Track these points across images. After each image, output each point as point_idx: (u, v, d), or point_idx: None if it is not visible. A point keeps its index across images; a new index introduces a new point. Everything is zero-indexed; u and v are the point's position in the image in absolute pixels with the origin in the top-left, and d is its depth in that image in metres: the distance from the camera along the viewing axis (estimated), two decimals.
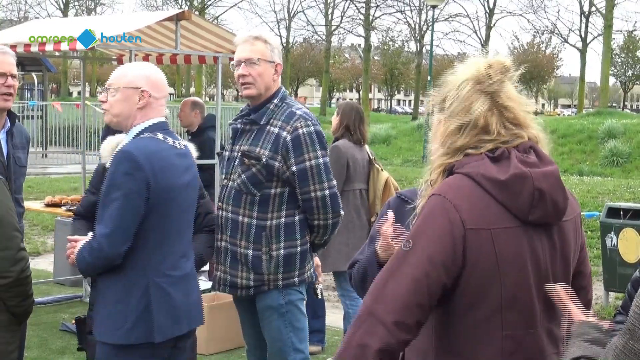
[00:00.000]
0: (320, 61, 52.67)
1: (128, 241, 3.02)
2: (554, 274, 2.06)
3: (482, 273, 1.97)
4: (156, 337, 3.09)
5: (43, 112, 22.63)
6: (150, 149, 3.09)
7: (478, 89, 2.07)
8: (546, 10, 62.81)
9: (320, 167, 3.73)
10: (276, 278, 3.75)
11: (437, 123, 2.15)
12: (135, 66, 3.42)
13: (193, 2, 44.67)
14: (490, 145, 2.04)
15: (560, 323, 2.09)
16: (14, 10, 48.64)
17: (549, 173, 2.03)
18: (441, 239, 1.95)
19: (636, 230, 7.34)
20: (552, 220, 2.04)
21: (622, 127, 21.25)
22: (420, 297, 1.93)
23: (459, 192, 2.00)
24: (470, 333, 2.01)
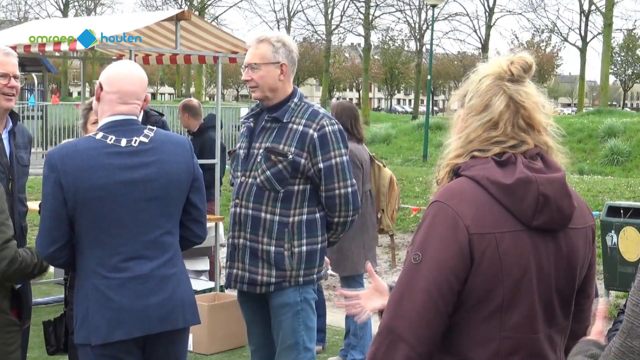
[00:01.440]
0: (320, 61, 52.67)
1: (55, 242, 3.05)
2: (558, 281, 2.06)
3: (486, 276, 1.98)
4: (92, 340, 3.04)
5: (43, 112, 22.63)
6: (70, 149, 3.07)
7: (498, 84, 2.08)
8: (546, 9, 62.67)
9: (345, 165, 3.82)
10: (298, 274, 3.80)
11: (456, 118, 2.16)
12: (114, 63, 3.36)
13: (193, 2, 44.66)
14: (497, 149, 2.04)
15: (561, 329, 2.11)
16: (14, 10, 48.69)
17: (555, 179, 2.03)
18: (448, 247, 1.96)
19: (636, 229, 7.34)
20: (558, 226, 2.04)
21: (622, 126, 21.25)
22: (437, 308, 1.96)
23: (462, 197, 2.00)
24: (470, 333, 2.02)
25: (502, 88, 2.07)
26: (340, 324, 7.01)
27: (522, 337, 2.02)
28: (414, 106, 48.82)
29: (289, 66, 3.82)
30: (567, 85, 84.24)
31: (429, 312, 1.96)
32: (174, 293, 3.14)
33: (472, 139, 2.07)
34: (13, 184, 3.91)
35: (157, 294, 3.10)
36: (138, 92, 3.18)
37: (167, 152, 3.17)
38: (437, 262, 1.96)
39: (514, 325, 2.01)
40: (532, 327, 2.03)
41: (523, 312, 2.01)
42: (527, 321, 2.02)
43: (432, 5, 25.67)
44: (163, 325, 3.12)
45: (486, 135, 2.06)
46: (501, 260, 1.97)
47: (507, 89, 2.07)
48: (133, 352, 3.14)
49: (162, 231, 3.14)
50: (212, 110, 9.62)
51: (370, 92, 54.36)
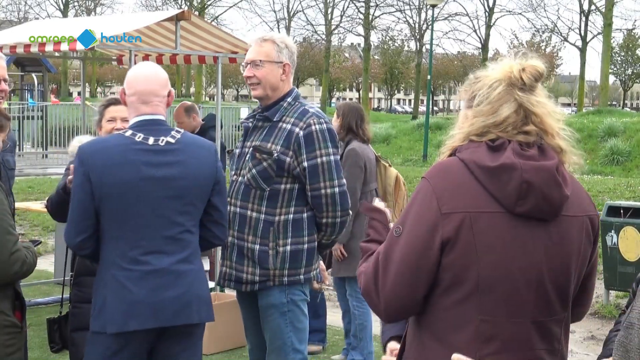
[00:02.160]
0: (320, 61, 52.69)
1: (82, 233, 3.19)
2: (551, 271, 2.06)
3: (460, 254, 2.00)
4: (108, 328, 3.17)
5: (43, 112, 22.63)
6: (100, 145, 3.26)
7: (509, 91, 2.08)
8: (546, 9, 62.53)
9: (332, 164, 3.76)
10: (282, 274, 3.77)
11: (463, 118, 2.17)
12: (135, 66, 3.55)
13: (193, 2, 44.67)
14: (493, 135, 2.07)
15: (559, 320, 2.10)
16: (14, 10, 48.77)
17: (543, 167, 2.02)
18: (420, 224, 2.03)
19: (636, 229, 7.35)
20: (546, 215, 2.04)
21: (622, 126, 21.26)
22: (409, 280, 2.04)
23: (445, 175, 2.06)
24: (447, 316, 2.05)
25: (514, 96, 2.08)
26: (340, 324, 7.01)
27: (501, 322, 2.02)
28: (414, 106, 48.85)
29: (291, 67, 3.85)
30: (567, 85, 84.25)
31: (399, 285, 2.05)
32: (189, 288, 3.26)
33: (473, 133, 2.11)
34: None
35: (174, 288, 3.21)
36: (156, 90, 3.31)
37: (192, 154, 3.30)
38: (411, 236, 2.04)
39: (491, 307, 2.01)
40: (513, 312, 2.03)
41: (501, 294, 2.01)
42: (507, 305, 2.02)
43: (432, 5, 25.69)
44: (177, 319, 3.23)
45: (487, 130, 2.09)
46: (475, 240, 1.99)
47: (519, 97, 2.08)
48: (146, 343, 3.26)
49: (181, 229, 3.26)
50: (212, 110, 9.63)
51: (370, 92, 54.40)
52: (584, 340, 7.01)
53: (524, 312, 2.04)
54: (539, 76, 2.10)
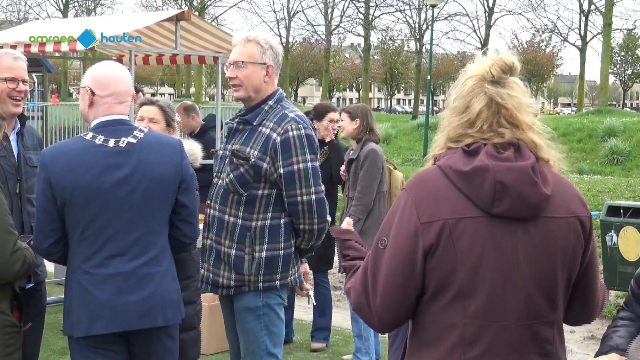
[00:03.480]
0: (320, 61, 52.70)
1: (48, 237, 3.21)
2: (534, 271, 2.06)
3: (443, 260, 2.03)
4: (75, 332, 3.20)
5: (43, 113, 22.62)
6: (60, 150, 3.24)
7: (479, 85, 2.12)
8: (546, 9, 62.68)
9: (308, 171, 3.69)
10: (257, 279, 3.72)
11: (442, 117, 2.22)
12: (94, 66, 3.44)
13: (193, 3, 44.68)
14: (469, 140, 2.10)
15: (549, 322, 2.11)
16: (14, 11, 48.73)
17: (516, 167, 2.04)
18: (403, 234, 2.07)
19: (636, 229, 7.35)
20: (523, 214, 2.04)
21: (622, 126, 21.27)
22: (397, 291, 2.08)
23: (422, 184, 2.10)
24: (436, 321, 2.08)
25: (483, 89, 2.11)
26: (341, 324, 7.02)
27: (485, 325, 2.04)
28: (413, 106, 48.82)
29: (275, 69, 3.78)
30: (567, 85, 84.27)
31: (388, 296, 2.08)
32: (155, 291, 3.22)
33: (451, 136, 2.14)
34: (21, 184, 3.93)
35: (138, 291, 3.19)
36: (129, 90, 3.33)
37: (154, 153, 3.25)
38: (395, 249, 2.07)
39: (475, 312, 2.03)
40: (496, 315, 2.04)
41: (484, 299, 2.03)
42: (489, 309, 2.04)
43: (432, 5, 25.68)
44: (142, 322, 3.21)
45: (462, 132, 2.12)
46: (455, 246, 2.02)
47: (488, 90, 2.11)
48: (116, 345, 3.26)
49: (145, 230, 3.22)
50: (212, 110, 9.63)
51: (370, 92, 54.40)
52: (584, 340, 7.01)
53: (507, 315, 2.05)
54: (508, 69, 2.12)
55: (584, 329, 7.23)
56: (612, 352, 2.45)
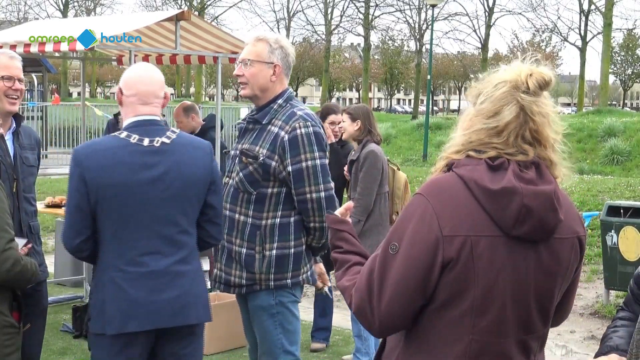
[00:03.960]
0: (320, 61, 52.68)
1: (80, 234, 3.20)
2: (537, 290, 2.07)
3: (459, 277, 2.00)
4: (107, 329, 3.19)
5: (43, 113, 22.64)
6: (95, 147, 3.25)
7: (512, 93, 2.07)
8: (546, 8, 62.65)
9: (317, 169, 3.70)
10: (268, 278, 3.74)
11: (466, 115, 2.16)
12: (130, 67, 3.52)
13: (192, 2, 44.67)
14: (493, 152, 2.05)
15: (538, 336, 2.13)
16: (14, 11, 48.73)
17: (542, 192, 2.02)
18: (422, 244, 2.00)
19: (636, 229, 7.35)
20: (539, 237, 2.04)
21: (622, 126, 21.26)
22: (405, 299, 2.03)
23: (444, 194, 2.03)
24: (440, 332, 2.05)
25: (516, 98, 2.06)
26: (342, 324, 7.02)
27: (491, 341, 2.04)
28: (413, 106, 48.80)
29: (283, 69, 3.78)
30: (567, 85, 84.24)
31: (394, 303, 2.04)
32: (187, 289, 3.27)
33: (473, 140, 2.08)
34: (18, 183, 3.94)
35: (171, 289, 3.22)
36: (155, 91, 3.33)
37: (187, 154, 3.31)
38: (409, 255, 2.02)
39: (483, 328, 2.03)
40: (501, 332, 2.05)
41: (493, 316, 2.03)
42: (497, 326, 2.04)
43: (432, 5, 25.68)
44: (175, 320, 3.25)
45: (487, 140, 2.07)
46: (475, 264, 1.99)
47: (521, 99, 2.06)
48: (145, 344, 3.27)
49: (178, 229, 3.27)
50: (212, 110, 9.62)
51: (370, 92, 54.39)
52: (584, 340, 7.01)
53: (510, 332, 2.06)
54: (545, 84, 2.08)
55: (584, 329, 7.23)
56: (612, 353, 2.45)
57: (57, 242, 8.40)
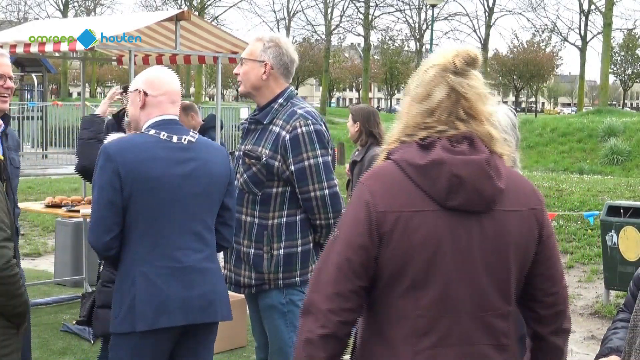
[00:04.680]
0: (320, 61, 52.68)
1: (110, 231, 3.17)
2: (488, 264, 2.07)
3: (396, 252, 2.04)
4: (138, 326, 3.17)
5: (43, 112, 22.62)
6: (127, 143, 3.24)
7: (441, 75, 2.12)
8: (546, 8, 62.85)
9: (320, 167, 3.71)
10: (277, 277, 3.76)
11: (403, 104, 2.23)
12: (144, 72, 3.48)
13: (192, 2, 44.66)
14: (423, 133, 2.11)
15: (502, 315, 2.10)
16: (14, 11, 48.78)
17: (472, 161, 2.06)
18: (358, 224, 2.06)
19: (636, 229, 7.34)
20: (478, 207, 2.06)
21: (622, 126, 21.26)
22: (348, 281, 2.06)
23: (379, 177, 2.10)
24: (388, 312, 2.08)
25: (445, 79, 2.12)
26: None
27: (437, 317, 2.05)
28: None
29: (276, 68, 3.77)
30: (567, 85, 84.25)
31: (339, 284, 2.05)
32: (214, 287, 3.31)
33: (410, 124, 2.14)
34: (8, 184, 3.91)
35: (200, 285, 3.25)
36: (180, 92, 3.43)
37: (211, 154, 3.38)
38: (347, 238, 2.07)
39: (427, 304, 2.04)
40: (447, 308, 2.05)
41: (437, 291, 2.04)
42: (443, 301, 2.05)
43: (432, 5, 25.69)
44: (203, 316, 3.28)
45: (421, 121, 2.12)
46: (410, 238, 2.03)
47: (450, 80, 2.12)
48: (172, 340, 3.29)
49: (205, 226, 3.32)
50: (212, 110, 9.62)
51: (370, 92, 54.40)
52: (584, 340, 7.01)
53: (459, 307, 2.06)
54: (471, 61, 2.13)
55: (584, 329, 7.23)
56: (612, 355, 2.45)
57: (57, 242, 8.40)
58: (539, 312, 2.21)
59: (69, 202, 7.30)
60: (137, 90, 3.34)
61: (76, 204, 7.18)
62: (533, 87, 60.79)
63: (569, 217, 10.28)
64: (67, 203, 7.26)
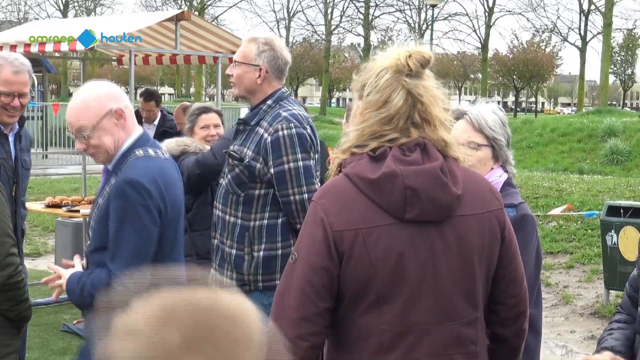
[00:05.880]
0: (320, 61, 52.66)
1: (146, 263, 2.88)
2: (452, 272, 2.03)
3: (357, 270, 1.99)
4: None
5: (43, 112, 22.63)
6: (151, 169, 2.84)
7: (396, 79, 2.05)
8: (545, 8, 62.58)
9: (300, 170, 3.67)
10: (256, 279, 3.74)
11: (356, 108, 2.14)
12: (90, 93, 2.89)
13: (192, 2, 44.66)
14: (374, 144, 2.04)
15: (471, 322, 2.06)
16: (14, 11, 48.72)
17: (425, 170, 2.00)
18: (316, 244, 2.00)
19: (636, 229, 7.34)
20: (436, 217, 2.01)
21: (621, 126, 21.23)
22: (312, 304, 2.00)
23: (331, 194, 2.04)
24: (354, 327, 2.04)
25: (401, 83, 2.05)
26: None
27: (403, 330, 2.00)
28: None
29: (271, 71, 3.75)
30: (567, 85, 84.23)
31: (304, 309, 2.00)
32: None
33: (366, 133, 2.07)
34: (17, 187, 3.90)
35: None
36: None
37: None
38: (307, 260, 2.01)
39: (392, 318, 2.00)
40: (415, 319, 2.01)
41: (400, 304, 2.00)
42: (408, 313, 2.00)
43: (432, 5, 25.70)
44: None
45: (379, 129, 2.05)
46: (370, 255, 1.98)
47: (406, 83, 2.04)
48: None
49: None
50: None
51: None
52: (584, 340, 7.01)
53: (426, 318, 2.02)
54: (425, 62, 2.08)
55: (584, 329, 7.23)
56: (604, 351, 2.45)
57: (57, 242, 8.40)
58: (501, 315, 2.17)
59: (69, 202, 7.31)
60: (112, 110, 2.83)
61: (76, 204, 7.19)
62: (533, 87, 60.76)
63: (569, 217, 10.28)
64: (67, 203, 7.26)
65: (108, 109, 2.80)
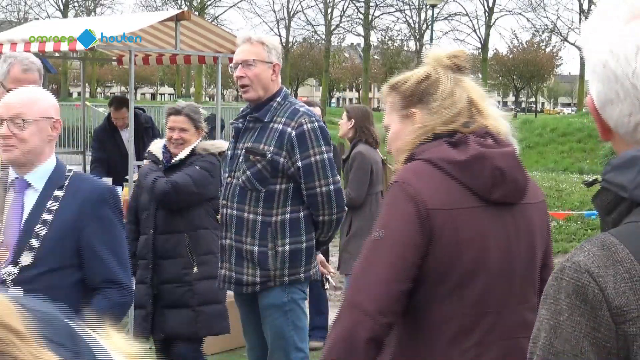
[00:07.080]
0: (320, 61, 52.67)
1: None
2: (519, 256, 2.10)
3: (444, 251, 2.02)
4: None
5: None
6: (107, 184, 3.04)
7: (455, 81, 2.16)
8: (545, 8, 62.55)
9: (325, 163, 3.76)
10: (282, 274, 3.78)
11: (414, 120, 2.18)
12: (43, 94, 2.84)
13: (192, 2, 44.67)
14: (451, 126, 2.12)
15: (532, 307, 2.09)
16: (14, 11, 48.74)
17: (507, 153, 2.09)
18: (409, 222, 2.02)
19: None
20: (514, 199, 2.09)
21: None
22: (400, 281, 2.01)
23: (419, 176, 2.06)
24: (432, 312, 2.06)
25: (456, 80, 2.16)
26: None
27: (482, 313, 2.05)
28: None
29: (279, 67, 3.89)
30: (567, 85, 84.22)
31: (392, 285, 2.00)
32: None
33: (440, 127, 2.14)
34: None
35: None
36: None
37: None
38: (400, 236, 2.02)
39: (472, 301, 2.04)
40: (492, 303, 2.05)
41: (481, 288, 2.04)
42: (486, 297, 2.04)
43: (432, 5, 25.73)
44: None
45: (451, 121, 2.14)
46: (458, 236, 2.02)
47: (462, 82, 2.16)
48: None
49: None
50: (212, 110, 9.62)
51: (370, 92, 54.39)
52: None
53: (501, 302, 2.07)
54: (465, 59, 2.20)
55: None
56: None
57: None
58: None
59: None
60: (52, 120, 2.73)
61: None
62: (533, 87, 60.79)
63: (569, 217, 10.29)
64: None
65: (52, 114, 2.74)
